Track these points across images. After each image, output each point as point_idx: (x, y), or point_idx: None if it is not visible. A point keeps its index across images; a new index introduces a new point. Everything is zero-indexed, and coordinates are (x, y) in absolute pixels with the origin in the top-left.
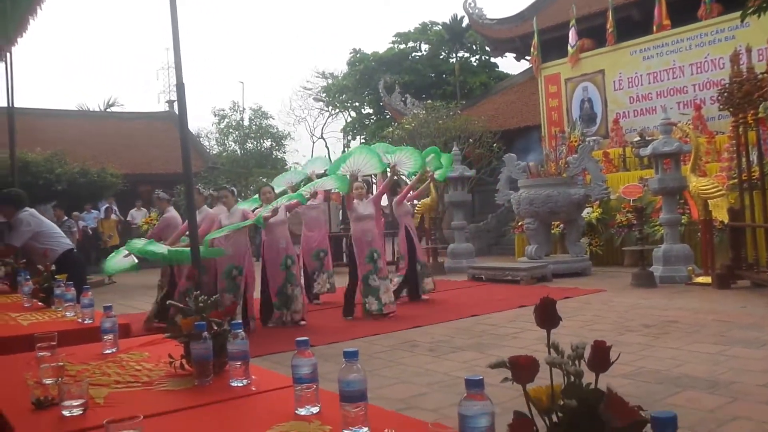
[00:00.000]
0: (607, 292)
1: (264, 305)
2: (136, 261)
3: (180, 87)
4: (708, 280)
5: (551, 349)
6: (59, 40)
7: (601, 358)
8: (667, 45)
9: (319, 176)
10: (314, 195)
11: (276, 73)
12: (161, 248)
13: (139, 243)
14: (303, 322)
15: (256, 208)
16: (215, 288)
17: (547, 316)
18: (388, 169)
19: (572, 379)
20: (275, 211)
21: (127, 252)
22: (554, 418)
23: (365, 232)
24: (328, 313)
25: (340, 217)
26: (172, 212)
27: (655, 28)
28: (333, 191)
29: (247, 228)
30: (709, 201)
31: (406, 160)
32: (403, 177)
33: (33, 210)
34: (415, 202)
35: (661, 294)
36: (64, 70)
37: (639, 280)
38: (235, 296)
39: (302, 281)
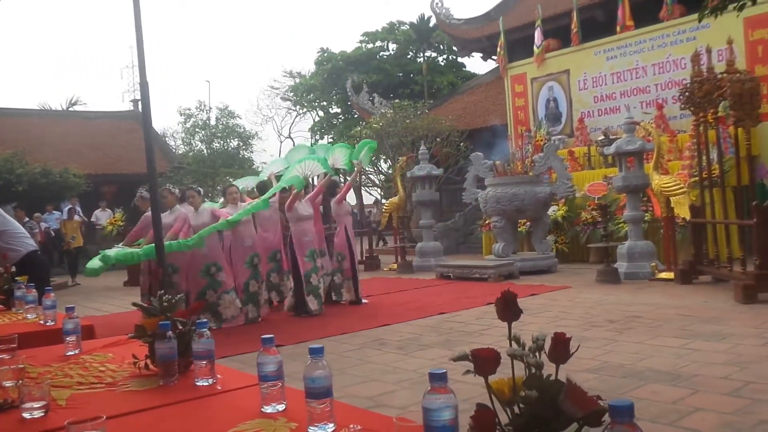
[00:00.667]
0: (572, 288)
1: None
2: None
3: (144, 86)
4: (671, 275)
5: (513, 342)
6: (20, 38)
7: (561, 349)
8: (630, 45)
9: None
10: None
11: (243, 72)
12: (130, 250)
13: (112, 252)
14: (259, 319)
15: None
16: (187, 286)
17: (508, 308)
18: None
19: (533, 370)
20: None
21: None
22: (516, 410)
23: (305, 232)
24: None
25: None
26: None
27: (618, 28)
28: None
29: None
30: (671, 198)
31: (340, 157)
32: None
33: None
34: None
35: (626, 290)
36: (25, 68)
37: (604, 276)
38: (216, 292)
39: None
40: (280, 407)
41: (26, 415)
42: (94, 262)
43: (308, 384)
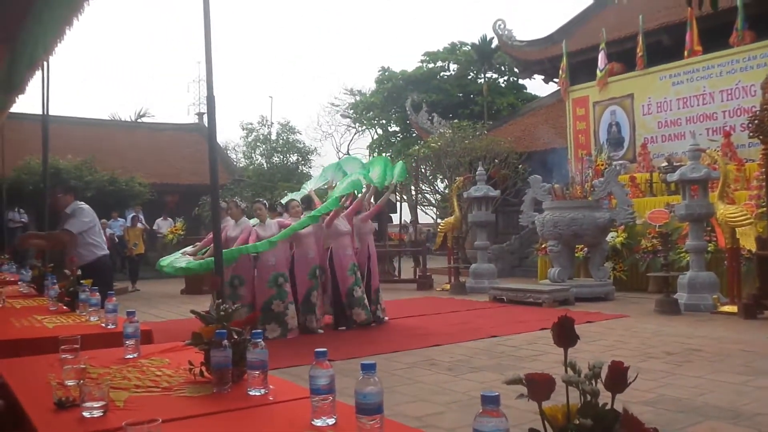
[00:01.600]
0: (630, 317)
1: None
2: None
3: (210, 100)
4: (734, 309)
5: (568, 368)
6: (94, 51)
7: (618, 378)
8: (697, 71)
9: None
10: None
11: (304, 88)
12: (183, 262)
13: (167, 260)
14: (320, 331)
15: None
16: (253, 298)
17: (565, 334)
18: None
19: (588, 398)
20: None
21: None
22: None
23: (345, 247)
24: (346, 330)
25: None
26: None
27: (686, 53)
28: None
29: (288, 238)
30: (736, 229)
31: (376, 174)
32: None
33: (86, 205)
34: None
35: (686, 322)
36: (98, 80)
37: (663, 306)
38: (283, 302)
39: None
40: (330, 421)
41: (86, 414)
42: (172, 265)
43: (359, 399)
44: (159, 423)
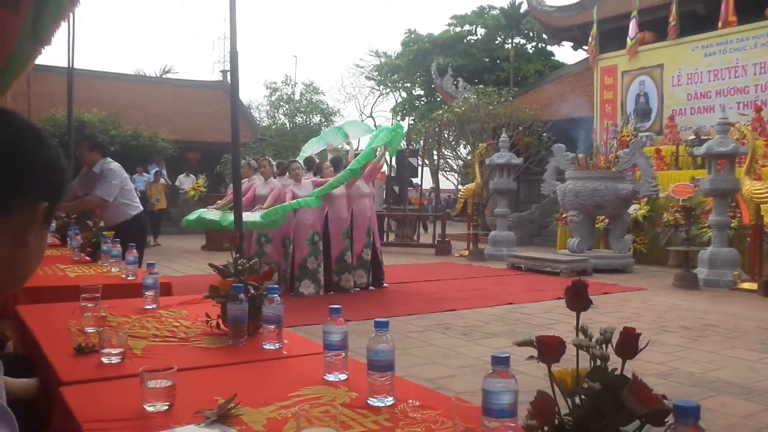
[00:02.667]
0: (647, 290)
1: (324, 273)
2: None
3: (233, 55)
4: (754, 286)
5: (580, 332)
6: (120, 5)
7: (629, 344)
8: (731, 42)
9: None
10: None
11: (330, 49)
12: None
13: (195, 215)
14: (356, 289)
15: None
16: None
17: (578, 297)
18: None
19: (598, 362)
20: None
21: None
22: (577, 401)
23: (366, 210)
24: (362, 292)
25: (384, 197)
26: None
27: (720, 23)
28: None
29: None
30: (761, 206)
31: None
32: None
33: (117, 163)
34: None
35: (704, 297)
36: (124, 35)
37: (682, 281)
38: (317, 259)
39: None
40: (342, 376)
41: (105, 360)
42: (190, 219)
43: (371, 356)
44: (175, 370)
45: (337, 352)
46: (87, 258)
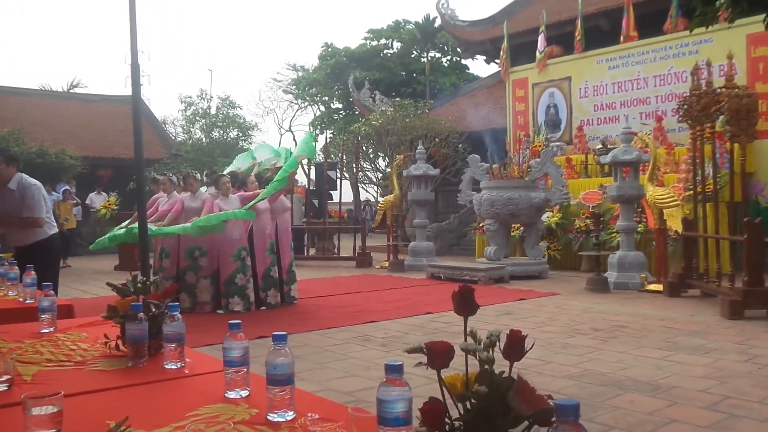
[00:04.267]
0: (561, 295)
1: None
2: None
3: (135, 67)
4: (660, 287)
5: (468, 337)
6: (24, 16)
7: (515, 347)
8: (632, 56)
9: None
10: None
11: (246, 63)
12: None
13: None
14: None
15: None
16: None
17: (465, 303)
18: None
19: (485, 366)
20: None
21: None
22: (468, 405)
23: (287, 223)
24: (286, 307)
25: (303, 210)
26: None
27: (622, 38)
28: (297, 184)
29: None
30: (664, 210)
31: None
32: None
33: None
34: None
35: (614, 299)
36: (28, 48)
37: (593, 284)
38: (245, 276)
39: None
40: (244, 393)
41: None
42: (103, 240)
43: (269, 370)
44: (61, 395)
45: (238, 368)
46: None
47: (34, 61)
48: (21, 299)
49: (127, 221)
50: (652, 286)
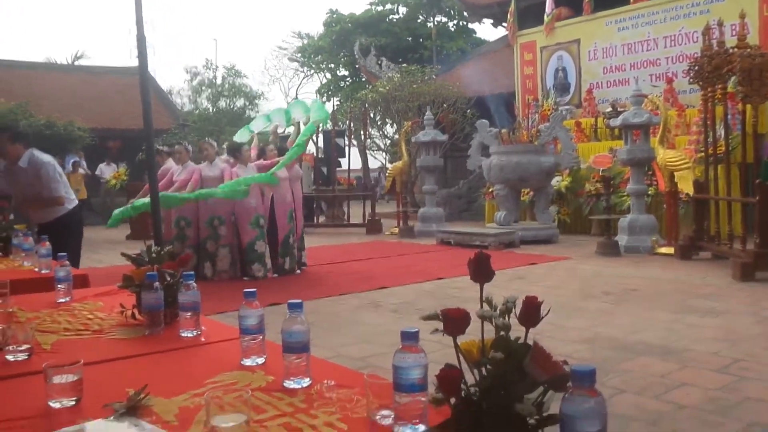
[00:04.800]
0: (572, 259)
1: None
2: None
3: (141, 40)
4: (671, 250)
5: (484, 304)
6: None
7: (530, 313)
8: (642, 16)
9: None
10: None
11: (251, 31)
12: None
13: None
14: (298, 271)
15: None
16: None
17: (481, 270)
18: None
19: (501, 332)
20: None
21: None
22: (483, 371)
23: (300, 191)
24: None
25: (312, 178)
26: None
27: None
28: (306, 152)
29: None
30: (675, 173)
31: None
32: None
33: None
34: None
35: (625, 263)
36: (32, 21)
37: (604, 248)
38: (264, 243)
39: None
40: (260, 360)
41: (10, 357)
42: (117, 214)
43: (285, 338)
44: (81, 364)
45: (254, 336)
46: None
47: (38, 35)
48: (36, 269)
49: (140, 194)
50: (663, 249)
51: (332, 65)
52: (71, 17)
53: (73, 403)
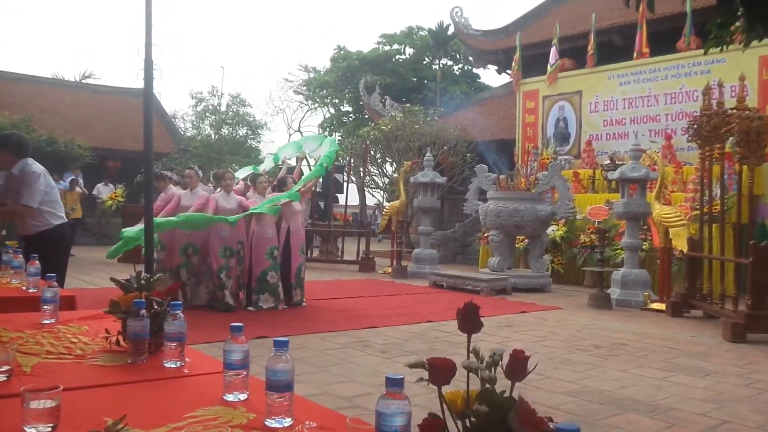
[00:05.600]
0: (563, 310)
1: (245, 289)
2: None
3: (148, 62)
4: (662, 306)
5: (471, 354)
6: (40, 5)
7: (517, 366)
8: (644, 73)
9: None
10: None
11: (258, 61)
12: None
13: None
14: (304, 303)
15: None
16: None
17: (469, 320)
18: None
19: (486, 385)
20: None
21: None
22: (467, 423)
23: (299, 226)
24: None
25: (309, 211)
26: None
27: (635, 54)
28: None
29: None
30: (670, 229)
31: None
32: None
33: (40, 165)
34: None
35: (616, 316)
36: (42, 37)
37: (596, 301)
38: (277, 274)
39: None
40: (242, 396)
41: None
42: (117, 248)
43: (269, 376)
44: (60, 390)
45: (238, 371)
46: None
47: (47, 50)
48: (24, 288)
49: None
50: (655, 305)
51: (336, 100)
52: (81, 36)
53: (49, 429)
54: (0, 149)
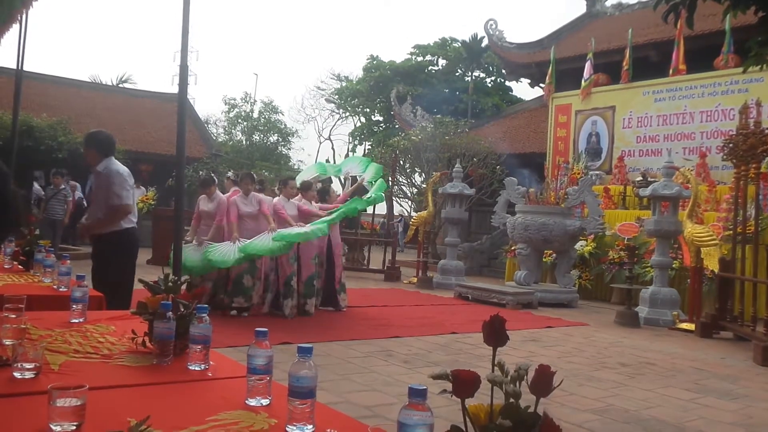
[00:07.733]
0: (589, 326)
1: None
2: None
3: (183, 69)
4: (692, 327)
5: (496, 368)
6: (79, 9)
7: (543, 382)
8: (680, 90)
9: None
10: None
11: (291, 69)
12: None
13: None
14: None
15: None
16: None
17: (495, 333)
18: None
19: (511, 399)
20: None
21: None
22: None
23: (338, 235)
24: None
25: None
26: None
27: (671, 71)
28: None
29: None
30: (702, 249)
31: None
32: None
33: (124, 166)
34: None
35: (643, 335)
36: (81, 41)
37: (623, 318)
38: (320, 279)
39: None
40: (265, 401)
41: (17, 375)
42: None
43: (292, 382)
44: (86, 389)
45: (261, 376)
46: (19, 267)
47: (86, 54)
48: (55, 287)
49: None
50: (684, 325)
51: (368, 109)
52: (120, 40)
53: (74, 427)
54: (87, 146)
